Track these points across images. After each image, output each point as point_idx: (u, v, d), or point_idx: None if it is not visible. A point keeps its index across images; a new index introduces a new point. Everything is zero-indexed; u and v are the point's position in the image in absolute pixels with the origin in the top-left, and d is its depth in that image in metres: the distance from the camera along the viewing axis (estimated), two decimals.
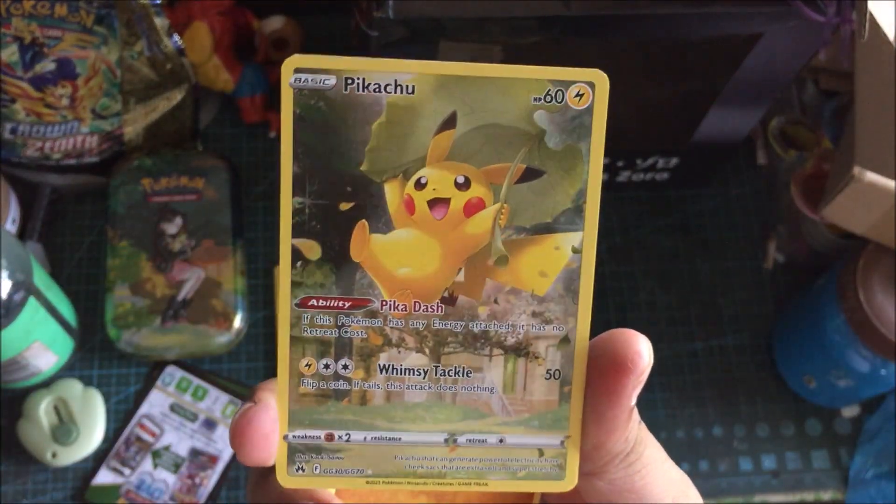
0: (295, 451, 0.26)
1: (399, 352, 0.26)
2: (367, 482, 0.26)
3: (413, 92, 0.24)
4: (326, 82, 0.25)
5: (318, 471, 0.26)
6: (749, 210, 0.83)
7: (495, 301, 0.26)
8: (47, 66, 0.74)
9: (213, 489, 0.69)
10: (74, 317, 0.71)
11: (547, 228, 0.25)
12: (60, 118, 0.74)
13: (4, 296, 0.59)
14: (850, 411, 0.76)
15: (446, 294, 0.26)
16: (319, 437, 0.26)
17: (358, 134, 0.24)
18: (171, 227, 0.72)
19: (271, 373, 0.73)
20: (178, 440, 0.70)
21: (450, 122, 0.25)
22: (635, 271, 0.79)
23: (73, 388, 0.70)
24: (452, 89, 0.25)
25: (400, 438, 0.26)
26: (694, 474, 0.73)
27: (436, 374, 0.26)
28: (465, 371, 0.26)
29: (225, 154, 0.78)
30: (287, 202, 0.26)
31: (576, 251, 0.25)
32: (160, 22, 0.70)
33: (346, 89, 0.24)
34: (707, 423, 0.75)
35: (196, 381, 0.72)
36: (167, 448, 0.69)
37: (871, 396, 0.75)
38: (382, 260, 0.25)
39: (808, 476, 0.74)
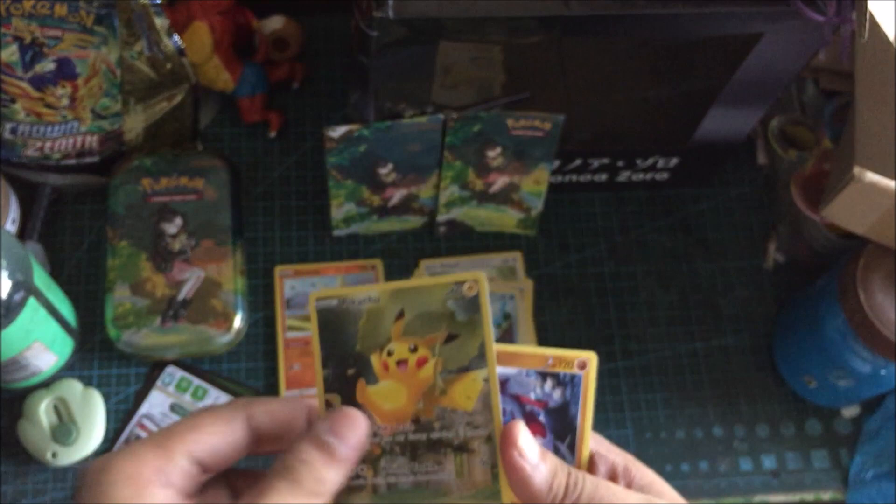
0: None
1: (391, 457, 0.39)
2: None
3: (378, 300, 0.40)
4: (332, 303, 0.40)
5: None
6: (749, 210, 0.83)
7: (443, 418, 0.39)
8: (47, 66, 0.74)
9: None
10: (74, 317, 0.71)
11: (466, 369, 0.39)
12: (60, 118, 0.74)
13: (4, 296, 0.59)
14: (850, 411, 0.76)
15: (414, 417, 0.39)
16: None
17: (351, 329, 0.40)
18: (171, 227, 0.72)
19: (270, 372, 0.73)
20: None
21: (400, 315, 0.40)
22: (635, 271, 0.79)
23: (73, 388, 0.70)
24: (400, 296, 0.40)
25: None
26: (694, 474, 0.73)
27: (415, 469, 0.39)
28: (432, 465, 0.39)
29: (225, 154, 0.78)
30: (319, 373, 0.40)
31: (485, 380, 0.39)
32: (160, 22, 0.70)
33: (343, 305, 0.40)
34: (707, 423, 0.75)
35: (196, 381, 0.72)
36: None
37: (871, 396, 0.75)
38: (374, 400, 0.40)
39: (808, 476, 0.74)
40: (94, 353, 0.73)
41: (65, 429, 0.68)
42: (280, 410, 0.39)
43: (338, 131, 0.65)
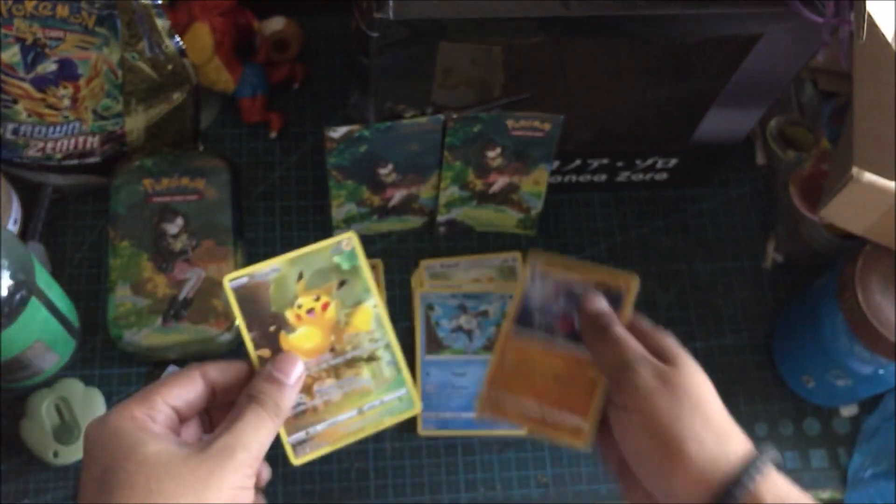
0: (294, 446, 0.52)
1: (321, 381, 0.53)
2: (330, 448, 0.52)
3: (280, 269, 0.53)
4: (243, 281, 0.52)
5: (307, 451, 0.52)
6: (748, 210, 0.83)
7: (352, 342, 0.53)
8: (49, 66, 0.74)
9: None
10: (76, 316, 0.72)
11: (358, 302, 0.54)
12: (62, 119, 0.74)
13: (6, 295, 0.59)
14: (848, 411, 0.77)
15: (330, 348, 0.53)
16: (301, 434, 0.52)
17: (264, 296, 0.52)
18: (172, 228, 0.73)
19: None
20: None
21: (300, 276, 0.53)
22: (635, 271, 0.79)
23: (75, 388, 0.70)
24: (297, 261, 0.53)
25: (337, 419, 0.52)
26: None
27: (340, 384, 0.53)
28: (352, 377, 0.53)
29: (225, 154, 0.78)
30: (246, 336, 0.52)
31: (374, 307, 0.54)
32: (161, 23, 0.71)
33: (253, 280, 0.52)
34: None
35: None
36: None
37: (869, 396, 0.75)
38: (296, 344, 0.52)
39: (807, 475, 0.74)
40: (95, 353, 0.73)
41: (66, 428, 0.69)
42: (227, 367, 0.51)
43: (338, 132, 0.66)
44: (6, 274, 0.59)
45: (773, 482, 0.48)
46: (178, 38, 0.72)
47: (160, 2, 0.70)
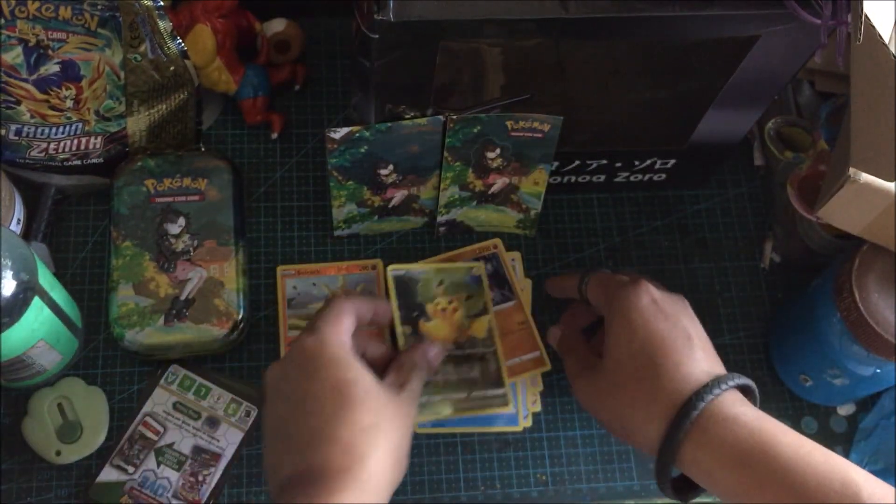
0: (419, 406, 0.65)
1: (443, 365, 0.70)
2: (440, 416, 0.70)
3: (427, 273, 0.74)
4: (400, 272, 0.74)
5: (427, 412, 0.70)
6: (746, 210, 0.83)
7: (470, 341, 0.72)
8: (52, 68, 0.74)
9: (215, 486, 0.69)
10: (78, 316, 0.72)
11: (478, 314, 0.73)
12: (65, 120, 0.74)
13: (9, 295, 0.59)
14: (845, 409, 0.77)
15: (454, 341, 0.72)
16: (424, 399, 0.68)
17: (413, 289, 0.74)
18: (174, 228, 0.73)
19: None
20: (182, 438, 0.70)
21: (441, 282, 0.74)
22: (634, 271, 0.80)
23: (78, 387, 0.71)
24: (440, 272, 0.74)
25: (450, 396, 0.70)
26: None
27: (457, 370, 0.71)
28: (466, 369, 0.71)
29: (227, 155, 0.78)
30: (395, 312, 0.71)
31: (489, 321, 0.73)
32: (163, 25, 0.71)
33: (407, 275, 0.73)
34: None
35: (199, 379, 0.72)
36: (170, 446, 0.70)
37: (866, 395, 0.75)
38: (429, 331, 0.72)
39: None
40: (98, 352, 0.73)
41: (69, 427, 0.69)
42: (370, 306, 0.64)
43: (339, 133, 0.66)
44: (9, 274, 0.59)
45: (732, 401, 0.56)
46: (179, 40, 0.72)
47: (162, 3, 0.70)
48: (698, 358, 0.59)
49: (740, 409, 0.55)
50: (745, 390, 0.59)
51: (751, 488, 0.53)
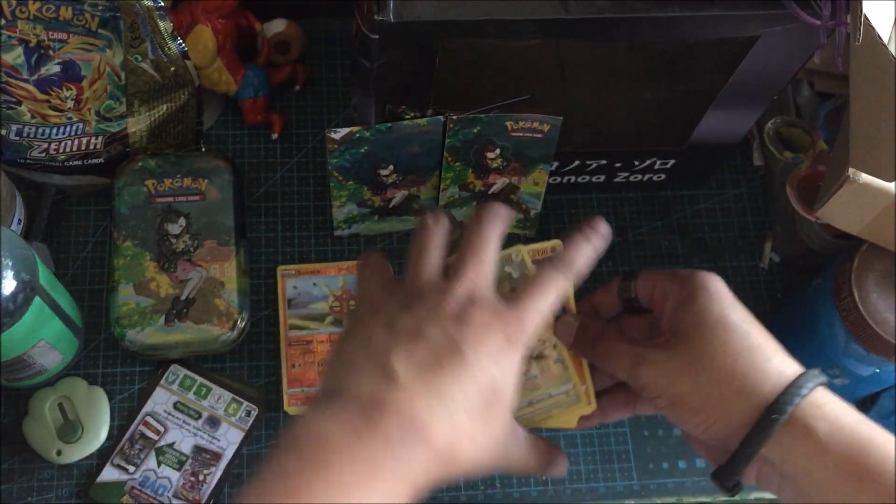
0: None
1: None
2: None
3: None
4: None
5: None
6: (745, 211, 0.84)
7: None
8: (52, 68, 0.74)
9: (216, 486, 0.69)
10: (79, 316, 0.72)
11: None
12: (65, 120, 0.74)
13: (10, 295, 0.59)
14: None
15: None
16: None
17: None
18: (175, 228, 0.73)
19: (273, 371, 0.73)
20: (182, 438, 0.70)
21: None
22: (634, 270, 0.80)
23: (78, 387, 0.71)
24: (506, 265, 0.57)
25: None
26: (691, 472, 0.73)
27: None
28: (524, 372, 0.53)
29: (227, 155, 0.79)
30: None
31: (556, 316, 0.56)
32: (164, 25, 0.71)
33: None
34: None
35: (199, 379, 0.72)
36: (171, 445, 0.70)
37: (866, 395, 0.75)
38: None
39: None
40: (98, 352, 0.73)
41: (70, 427, 0.69)
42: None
43: (339, 133, 0.66)
44: (10, 274, 0.59)
45: (823, 396, 0.50)
46: (180, 40, 0.73)
47: (163, 4, 0.71)
48: (783, 355, 0.53)
49: (836, 406, 0.50)
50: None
51: (848, 486, 0.49)
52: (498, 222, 0.51)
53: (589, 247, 0.53)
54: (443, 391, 0.45)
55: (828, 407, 0.50)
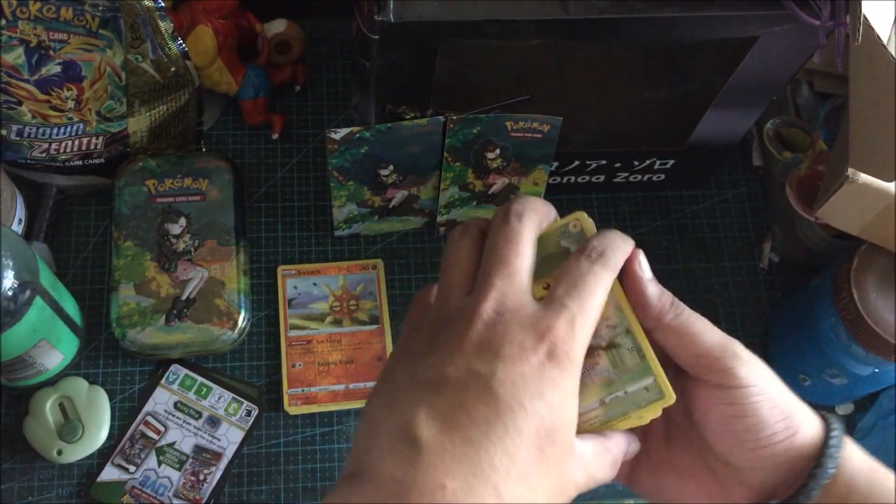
0: None
1: None
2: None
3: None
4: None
5: None
6: (745, 211, 0.84)
7: None
8: (53, 68, 0.74)
9: (216, 486, 0.69)
10: (80, 316, 0.72)
11: None
12: (66, 120, 0.75)
13: (11, 295, 0.59)
14: (844, 409, 0.77)
15: None
16: None
17: None
18: (175, 228, 0.73)
19: (273, 371, 0.74)
20: (183, 437, 0.70)
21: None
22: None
23: (79, 386, 0.71)
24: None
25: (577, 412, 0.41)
26: None
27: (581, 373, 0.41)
28: (590, 367, 0.43)
29: (228, 155, 0.79)
30: None
31: (614, 292, 0.44)
32: (164, 25, 0.71)
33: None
34: None
35: (200, 379, 0.72)
36: (171, 445, 0.70)
37: (864, 394, 0.75)
38: None
39: None
40: (99, 352, 0.73)
41: (70, 426, 0.69)
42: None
43: (339, 133, 0.66)
44: (11, 274, 0.59)
45: (853, 454, 0.43)
46: (180, 41, 0.73)
47: (163, 4, 0.71)
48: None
49: (864, 462, 0.43)
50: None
51: None
52: (532, 216, 0.42)
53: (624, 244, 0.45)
54: (478, 456, 0.35)
55: (859, 463, 0.43)
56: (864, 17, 0.56)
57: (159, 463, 0.70)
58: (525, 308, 0.39)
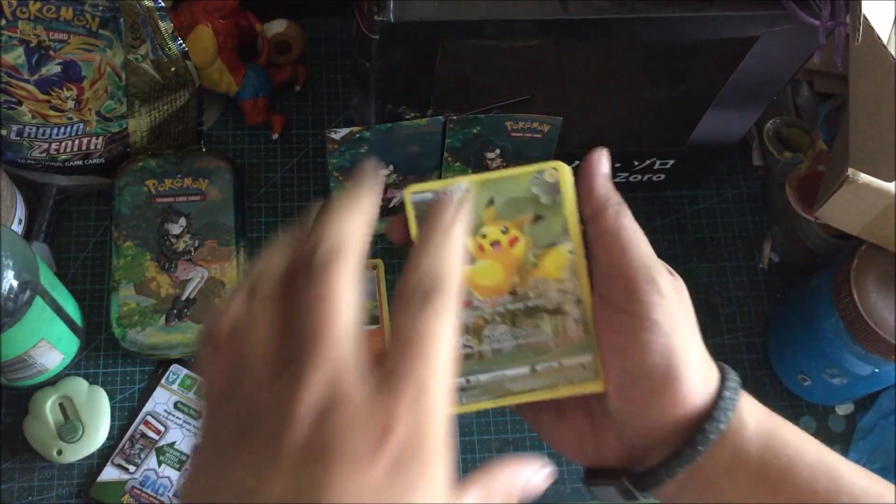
0: (454, 392, 0.40)
1: (494, 326, 0.43)
2: (493, 403, 0.42)
3: (469, 191, 0.40)
4: (426, 196, 0.42)
5: (466, 400, 0.42)
6: (745, 210, 0.84)
7: (537, 287, 0.43)
8: (53, 68, 0.74)
9: None
10: (80, 316, 0.72)
11: (552, 244, 0.43)
12: (66, 120, 0.75)
13: (11, 295, 0.59)
14: (844, 409, 0.77)
15: (510, 290, 0.43)
16: (463, 381, 0.42)
17: None
18: (175, 228, 0.73)
19: None
20: (183, 437, 0.70)
21: (490, 202, 0.43)
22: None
23: (79, 386, 0.71)
24: (489, 185, 0.43)
25: (505, 373, 0.42)
26: None
27: (515, 334, 0.43)
28: (531, 329, 0.42)
29: (228, 155, 0.79)
30: None
31: (570, 252, 0.43)
32: (164, 25, 0.71)
33: (436, 197, 0.39)
34: None
35: (200, 379, 0.72)
36: (171, 445, 0.70)
37: (865, 394, 0.75)
38: (473, 278, 0.43)
39: None
40: (99, 352, 0.73)
41: (70, 426, 0.69)
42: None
43: (339, 133, 0.66)
44: (11, 274, 0.59)
45: (751, 405, 0.41)
46: (180, 41, 0.73)
47: (163, 4, 0.71)
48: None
49: (761, 419, 0.41)
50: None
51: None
52: (344, 254, 0.33)
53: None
54: None
55: (752, 421, 0.40)
56: (864, 17, 0.56)
57: (159, 463, 0.70)
58: (356, 394, 0.29)
